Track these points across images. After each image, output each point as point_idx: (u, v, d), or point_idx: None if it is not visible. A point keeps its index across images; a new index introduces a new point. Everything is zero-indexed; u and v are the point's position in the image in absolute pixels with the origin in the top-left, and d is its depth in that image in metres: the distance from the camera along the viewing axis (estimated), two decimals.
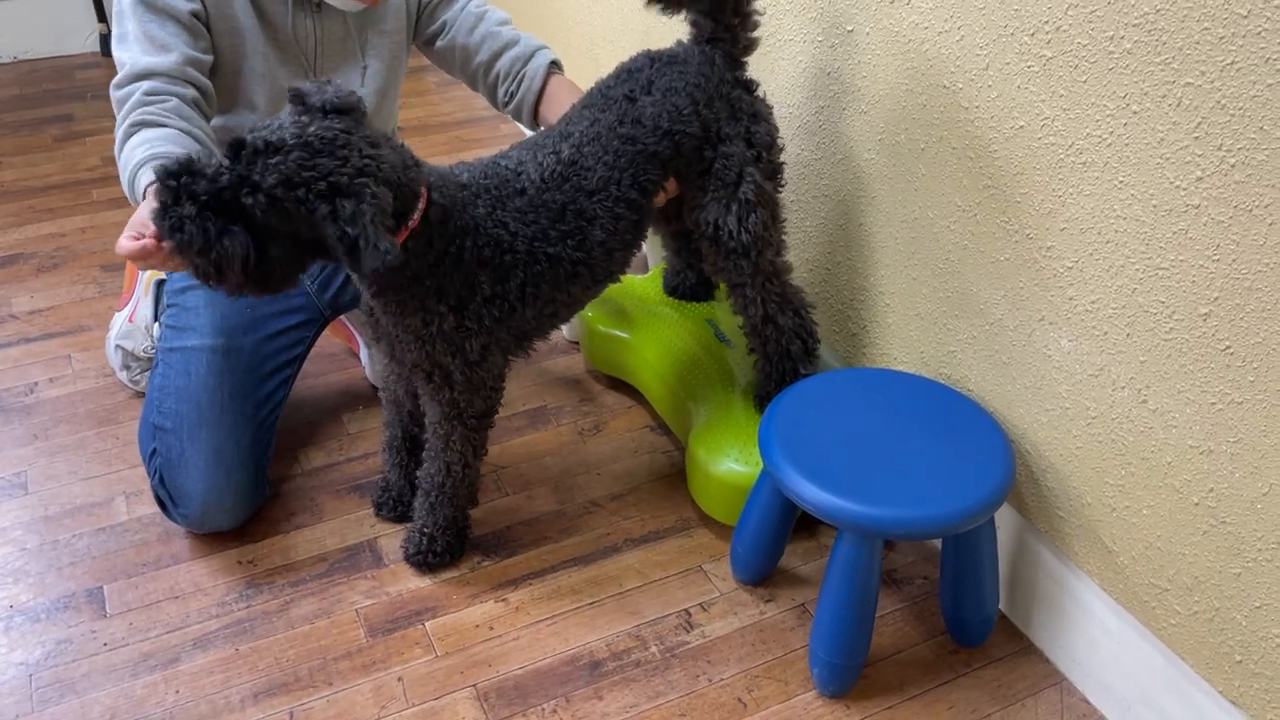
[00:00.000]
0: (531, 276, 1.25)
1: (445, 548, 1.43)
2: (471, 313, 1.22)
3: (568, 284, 1.30)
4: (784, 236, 1.44)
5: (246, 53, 1.48)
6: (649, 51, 1.36)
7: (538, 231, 1.24)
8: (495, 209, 1.22)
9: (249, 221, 1.05)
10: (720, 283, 1.52)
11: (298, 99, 1.09)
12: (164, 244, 1.05)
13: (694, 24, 1.37)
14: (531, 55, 1.61)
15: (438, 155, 2.63)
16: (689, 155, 1.34)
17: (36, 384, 1.82)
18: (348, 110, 1.09)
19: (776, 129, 1.39)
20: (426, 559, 1.43)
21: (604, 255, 1.31)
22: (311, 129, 1.04)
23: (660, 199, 1.38)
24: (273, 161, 1.02)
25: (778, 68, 1.59)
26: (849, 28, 1.40)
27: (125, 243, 1.11)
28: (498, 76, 1.63)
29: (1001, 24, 1.15)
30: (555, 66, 1.61)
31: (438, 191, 1.16)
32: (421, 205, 1.13)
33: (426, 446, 1.38)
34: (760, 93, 1.38)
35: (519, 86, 1.60)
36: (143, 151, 1.27)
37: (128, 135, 1.31)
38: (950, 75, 1.25)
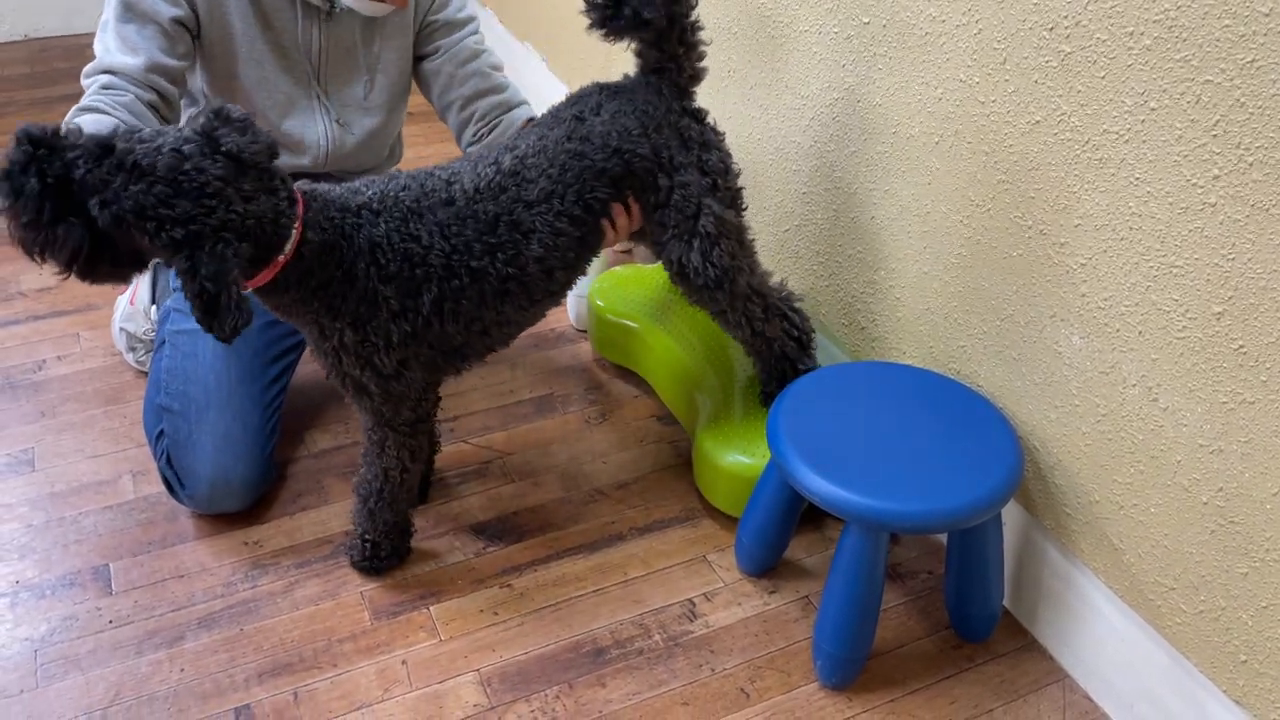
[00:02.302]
0: (450, 291, 1.20)
1: (391, 550, 1.41)
2: (376, 328, 1.18)
3: (497, 302, 1.24)
4: (755, 256, 1.41)
5: (239, 59, 1.48)
6: (598, 83, 1.35)
7: (460, 244, 1.19)
8: (406, 223, 1.17)
9: (91, 221, 1.00)
10: None
11: (218, 121, 1.04)
12: None
13: (639, 55, 1.34)
14: (513, 107, 1.62)
15: (449, 144, 2.63)
16: (641, 176, 1.30)
17: (44, 361, 1.83)
18: (248, 164, 1.04)
19: (729, 155, 1.36)
20: (373, 563, 1.41)
21: (541, 273, 1.26)
22: (188, 165, 0.99)
23: (624, 222, 1.33)
24: (134, 188, 0.98)
25: (792, 59, 1.58)
26: (865, 19, 1.39)
27: None
28: (471, 116, 1.63)
29: (1020, 18, 1.15)
30: (532, 123, 1.60)
31: (314, 229, 1.12)
32: (294, 242, 1.10)
33: (362, 451, 1.35)
34: (710, 120, 1.35)
35: (490, 133, 1.60)
36: None
37: (73, 118, 1.31)
38: (966, 69, 1.24)
